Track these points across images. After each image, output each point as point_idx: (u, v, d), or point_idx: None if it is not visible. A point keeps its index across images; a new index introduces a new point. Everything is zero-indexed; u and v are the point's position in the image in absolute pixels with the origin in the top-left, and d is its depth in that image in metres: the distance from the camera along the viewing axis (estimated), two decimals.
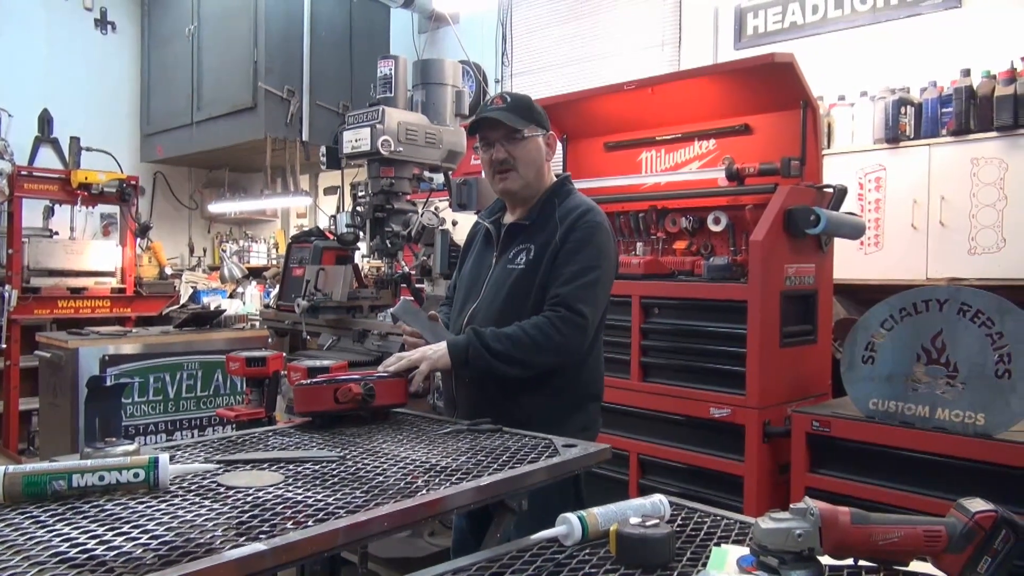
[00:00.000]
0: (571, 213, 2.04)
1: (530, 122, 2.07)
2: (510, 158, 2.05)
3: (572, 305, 1.93)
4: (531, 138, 2.06)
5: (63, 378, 4.25)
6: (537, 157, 2.08)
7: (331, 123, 6.22)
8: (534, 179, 2.09)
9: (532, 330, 1.90)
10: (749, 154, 3.27)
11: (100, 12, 7.60)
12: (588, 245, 1.99)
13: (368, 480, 1.38)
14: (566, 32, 5.94)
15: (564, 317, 1.92)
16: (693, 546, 1.23)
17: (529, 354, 1.90)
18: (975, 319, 2.27)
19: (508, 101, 2.08)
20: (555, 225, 2.03)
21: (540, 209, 2.08)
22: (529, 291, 2.00)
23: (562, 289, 1.95)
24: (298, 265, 4.07)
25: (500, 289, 2.04)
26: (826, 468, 2.60)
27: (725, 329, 2.94)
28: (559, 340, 1.91)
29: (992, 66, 3.57)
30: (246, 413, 2.59)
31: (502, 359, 1.88)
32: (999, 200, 3.44)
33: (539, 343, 1.90)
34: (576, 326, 1.93)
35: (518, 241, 2.08)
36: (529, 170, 2.07)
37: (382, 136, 3.31)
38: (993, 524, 1.05)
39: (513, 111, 2.05)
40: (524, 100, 2.11)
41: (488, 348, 1.88)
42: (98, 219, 7.32)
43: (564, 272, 1.97)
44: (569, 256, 1.98)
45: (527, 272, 2.01)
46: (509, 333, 1.90)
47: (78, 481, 1.24)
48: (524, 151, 2.06)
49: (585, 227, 2.01)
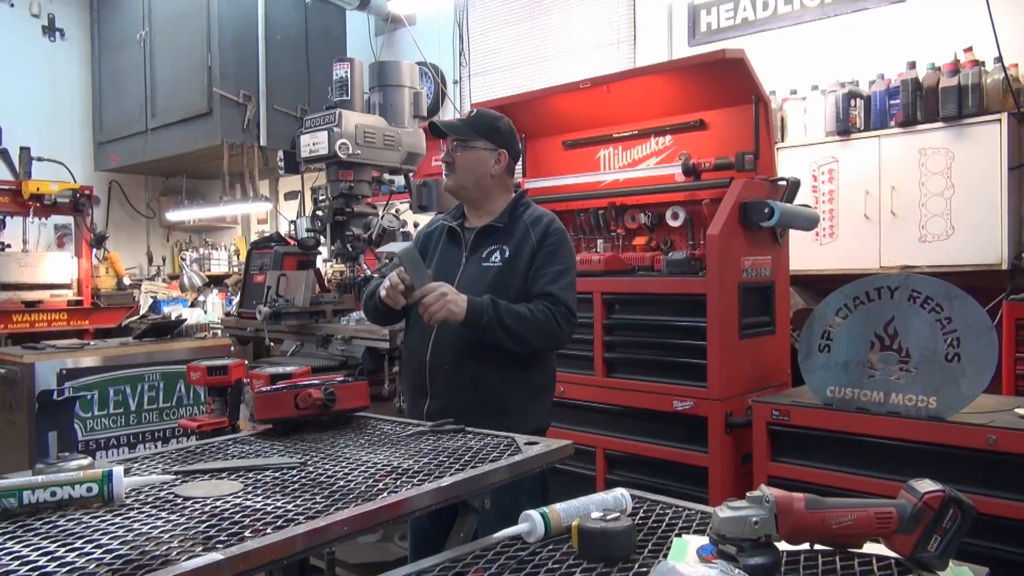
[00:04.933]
0: (541, 219, 2.26)
1: (481, 136, 2.24)
2: (453, 161, 2.25)
3: (567, 303, 2.15)
4: (474, 149, 2.24)
5: (19, 394, 4.13)
6: (477, 167, 2.25)
7: (289, 127, 6.15)
8: (472, 186, 2.26)
9: (539, 315, 2.10)
10: (704, 149, 3.31)
11: (48, 19, 7.44)
12: (564, 248, 2.23)
13: (329, 485, 1.37)
14: (523, 31, 5.96)
15: (563, 313, 2.13)
16: (655, 538, 1.25)
17: (531, 335, 2.10)
18: (925, 305, 2.33)
19: (472, 115, 2.30)
20: (526, 228, 2.23)
21: (509, 215, 2.27)
22: (509, 285, 2.16)
23: (553, 288, 2.15)
24: (259, 271, 4.02)
25: (477, 284, 2.17)
26: (787, 456, 2.64)
27: (685, 323, 2.98)
28: (556, 331, 2.13)
29: (937, 58, 3.66)
30: (209, 423, 2.55)
31: (509, 333, 2.06)
32: (947, 189, 3.53)
33: (542, 328, 2.10)
34: (570, 323, 2.16)
35: (490, 242, 2.24)
36: (466, 177, 2.25)
37: (340, 139, 3.29)
38: (941, 504, 1.08)
39: (468, 122, 2.27)
40: (485, 118, 2.29)
41: (500, 321, 2.05)
42: (52, 230, 7.16)
43: (549, 271, 2.17)
44: (550, 257, 2.19)
45: (504, 269, 2.19)
46: (521, 312, 2.08)
47: (29, 498, 1.21)
48: (464, 158, 2.24)
49: (559, 232, 2.24)
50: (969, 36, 3.67)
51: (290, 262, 3.87)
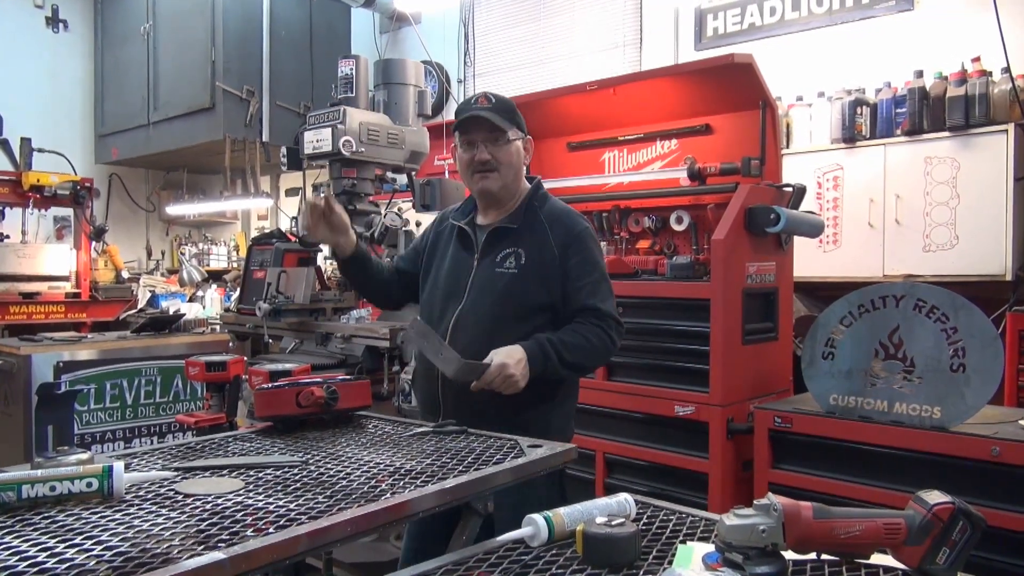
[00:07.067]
0: (561, 217, 2.08)
1: (513, 125, 2.07)
2: (493, 160, 2.04)
3: (613, 314, 2.02)
4: (513, 141, 2.06)
5: (15, 386, 4.11)
6: (516, 160, 2.09)
7: (292, 124, 6.13)
8: (512, 181, 2.09)
9: (593, 338, 1.97)
10: (710, 154, 3.30)
11: (51, 10, 7.41)
12: (594, 252, 2.07)
13: (331, 485, 1.36)
14: (528, 32, 5.95)
15: (613, 326, 2.01)
16: (659, 544, 1.24)
17: (591, 362, 2.04)
18: (930, 315, 2.32)
19: (493, 102, 2.05)
20: (543, 228, 2.05)
21: (524, 213, 2.08)
22: (523, 293, 2.00)
23: (596, 301, 2.00)
24: (259, 268, 4.00)
25: (489, 292, 2.02)
26: (788, 463, 2.63)
27: (688, 327, 2.97)
28: (611, 348, 2.02)
29: (944, 67, 3.65)
30: (206, 419, 2.54)
31: (572, 368, 1.97)
32: (952, 198, 3.52)
33: (598, 351, 2.00)
34: (620, 334, 2.04)
35: (504, 244, 2.05)
36: (509, 172, 2.07)
37: (344, 136, 3.27)
38: (951, 516, 1.07)
39: (498, 112, 2.04)
40: (508, 103, 2.11)
41: (563, 361, 1.93)
42: (51, 222, 7.13)
43: (586, 282, 2.01)
44: (583, 265, 2.03)
45: (520, 276, 2.01)
46: (576, 343, 1.95)
47: (28, 492, 1.20)
48: (506, 153, 2.05)
49: (584, 235, 2.07)
50: (977, 46, 3.66)
51: (291, 259, 3.85)
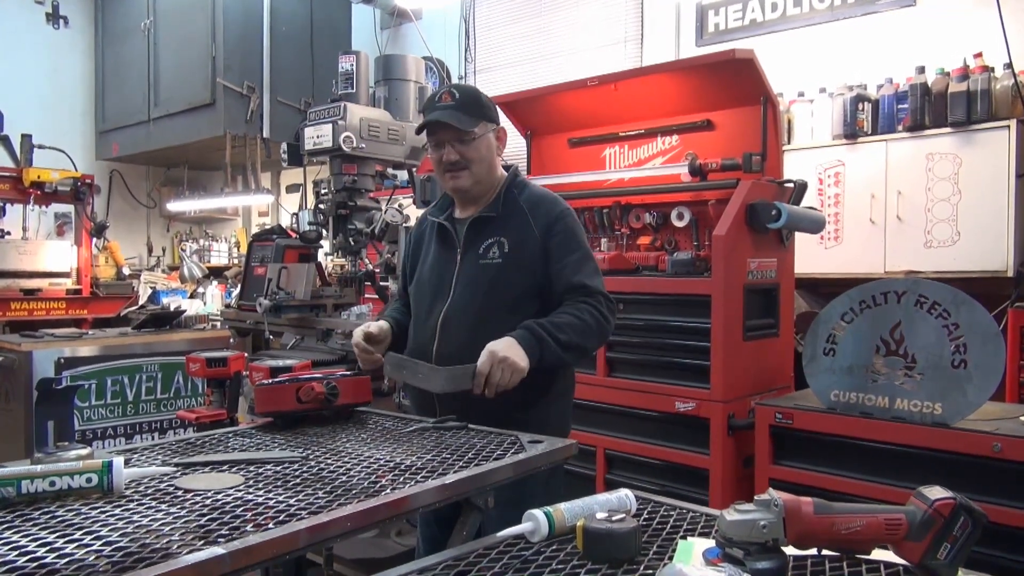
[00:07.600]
0: (540, 204, 2.05)
1: (480, 119, 2.01)
2: (462, 159, 2.00)
3: (601, 289, 1.98)
4: (482, 136, 2.01)
5: (16, 382, 4.12)
6: (488, 154, 2.04)
7: (292, 120, 6.12)
8: (486, 175, 2.06)
9: (586, 315, 1.91)
10: (711, 150, 3.29)
11: (52, 6, 7.40)
12: (576, 231, 2.03)
13: (331, 480, 1.36)
14: (529, 28, 5.94)
15: (603, 302, 1.96)
16: (659, 540, 1.23)
17: (588, 341, 1.94)
18: (932, 311, 2.31)
19: (457, 97, 2.00)
20: (523, 214, 2.01)
21: (503, 201, 2.05)
22: (510, 283, 1.97)
23: (582, 278, 1.96)
24: (260, 264, 4.01)
25: (475, 286, 1.99)
26: (789, 459, 2.62)
27: (689, 323, 2.96)
28: (606, 325, 1.96)
29: (946, 63, 3.64)
30: (207, 415, 2.54)
31: (569, 349, 1.88)
32: (953, 195, 3.51)
33: (593, 329, 1.92)
34: (612, 310, 1.99)
35: (485, 235, 2.02)
36: (481, 168, 2.03)
37: (344, 132, 3.27)
38: (952, 511, 1.07)
39: (462, 109, 1.98)
40: (472, 94, 2.05)
41: (558, 341, 1.85)
42: (52, 218, 7.14)
43: (570, 260, 1.98)
44: (566, 244, 1.99)
45: (504, 265, 1.98)
46: (569, 323, 1.88)
47: (27, 487, 1.20)
48: (475, 150, 2.01)
49: (565, 215, 2.04)
50: (979, 41, 3.65)
51: (291, 255, 3.86)
